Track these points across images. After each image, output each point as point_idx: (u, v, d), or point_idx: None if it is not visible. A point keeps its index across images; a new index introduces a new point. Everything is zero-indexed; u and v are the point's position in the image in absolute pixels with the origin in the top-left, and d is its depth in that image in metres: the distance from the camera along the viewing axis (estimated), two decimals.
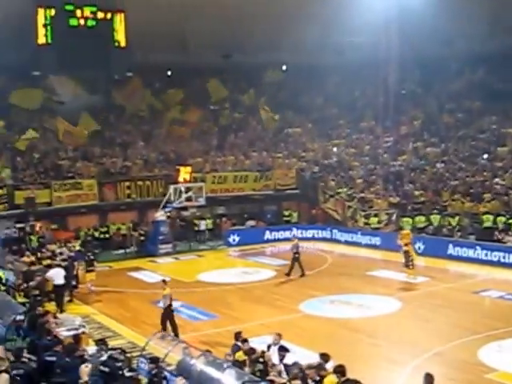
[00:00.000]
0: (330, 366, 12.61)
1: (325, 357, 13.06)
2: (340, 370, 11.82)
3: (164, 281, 21.91)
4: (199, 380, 12.53)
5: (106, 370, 11.50)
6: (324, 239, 40.22)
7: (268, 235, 40.58)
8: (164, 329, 20.37)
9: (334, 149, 47.64)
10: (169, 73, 50.70)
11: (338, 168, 44.99)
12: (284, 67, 52.18)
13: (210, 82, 50.47)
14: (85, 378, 9.42)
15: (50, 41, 42.61)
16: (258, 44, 46.64)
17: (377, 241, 36.99)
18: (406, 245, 29.03)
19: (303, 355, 16.17)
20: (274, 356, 14.52)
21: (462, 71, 47.61)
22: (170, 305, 20.91)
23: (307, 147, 48.21)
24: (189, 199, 38.95)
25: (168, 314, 20.81)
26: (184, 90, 49.53)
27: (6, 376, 8.00)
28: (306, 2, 42.80)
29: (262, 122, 49.92)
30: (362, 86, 50.33)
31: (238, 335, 15.45)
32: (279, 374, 13.20)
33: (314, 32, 43.55)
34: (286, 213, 44.55)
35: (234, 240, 40.03)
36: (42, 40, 42.54)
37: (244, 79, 51.59)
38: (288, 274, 30.00)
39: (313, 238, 40.57)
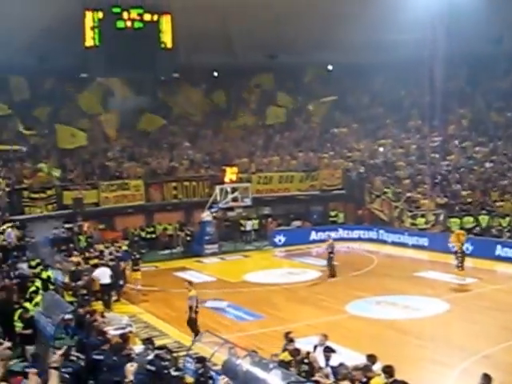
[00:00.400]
0: (376, 367, 12.52)
1: (372, 358, 12.95)
2: (388, 371, 11.78)
3: (190, 282, 22.06)
4: (245, 380, 12.52)
5: (153, 369, 11.57)
6: (370, 240, 39.99)
7: (314, 236, 40.38)
8: (197, 330, 20.45)
9: (381, 149, 47.25)
10: (215, 74, 50.83)
11: (385, 168, 44.63)
12: (330, 67, 51.89)
13: (256, 83, 50.66)
14: (130, 377, 9.48)
15: (97, 43, 43.03)
16: (304, 44, 46.45)
17: (424, 241, 36.63)
18: (456, 245, 28.71)
19: (349, 356, 16.08)
20: (319, 357, 14.45)
21: (511, 70, 46.87)
22: (196, 306, 20.94)
23: (353, 147, 47.93)
24: (235, 200, 39.10)
25: (193, 316, 20.85)
26: (230, 90, 49.68)
27: (55, 372, 8.12)
28: (352, 0, 42.55)
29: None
30: (408, 84, 49.75)
31: (286, 335, 15.40)
32: (326, 376, 13.11)
33: (359, 30, 43.16)
34: (332, 213, 44.40)
35: (279, 240, 40.02)
36: (89, 42, 42.91)
37: (290, 79, 51.44)
38: (333, 276, 29.94)
39: (359, 239, 40.42)
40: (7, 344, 13.10)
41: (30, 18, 38.07)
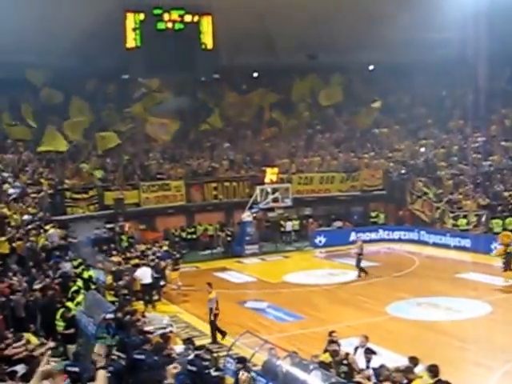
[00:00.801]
0: (418, 369, 12.42)
1: (414, 360, 12.85)
2: (433, 370, 11.76)
3: (209, 284, 22.02)
4: (285, 381, 12.50)
5: (193, 369, 11.61)
6: (411, 241, 39.57)
7: (354, 236, 40.01)
8: (222, 332, 20.53)
9: (422, 149, 46.83)
10: (255, 74, 50.91)
11: (426, 168, 44.23)
12: (371, 67, 51.59)
13: (296, 83, 50.65)
14: (170, 380, 9.46)
15: (138, 44, 43.37)
16: (344, 43, 46.22)
17: (466, 243, 36.14)
18: (500, 247, 28.44)
19: (390, 358, 15.97)
20: (360, 358, 14.37)
21: None
22: (216, 308, 20.98)
23: (394, 147, 47.59)
24: (275, 200, 39.09)
25: (212, 318, 20.89)
26: (270, 91, 49.65)
27: (103, 372, 8.20)
28: None
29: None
30: (450, 84, 49.27)
31: (330, 334, 15.36)
32: (368, 378, 13.03)
33: (400, 29, 42.88)
34: (373, 214, 44.12)
35: (320, 241, 39.88)
36: (130, 44, 43.33)
37: (330, 79, 51.23)
38: (365, 273, 30.13)
39: (400, 240, 40.07)
40: (51, 344, 13.29)
41: (73, 21, 38.53)
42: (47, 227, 28.77)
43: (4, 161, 37.90)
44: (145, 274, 25.81)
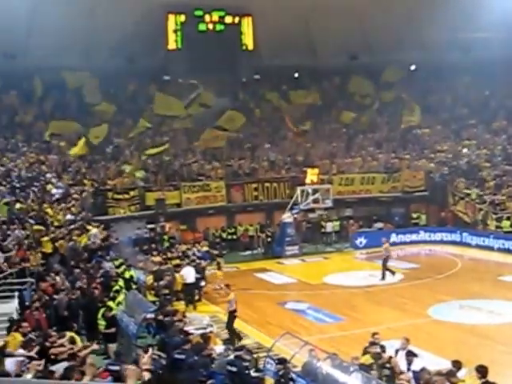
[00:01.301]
0: (461, 374, 12.26)
1: (457, 364, 12.68)
2: (481, 371, 11.60)
3: (228, 285, 22.00)
4: (325, 382, 12.46)
5: (233, 369, 11.63)
6: (453, 242, 39.11)
7: (394, 238, 39.74)
8: (237, 334, 20.47)
9: (465, 150, 46.30)
10: (296, 75, 50.85)
11: (469, 169, 43.70)
12: (413, 67, 51.23)
13: (337, 84, 50.52)
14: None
15: (180, 46, 43.64)
16: (386, 44, 46.01)
17: (510, 245, 35.63)
18: None
19: (431, 361, 15.82)
20: (401, 361, 14.26)
21: None
22: (234, 310, 20.93)
23: (436, 148, 47.12)
24: (316, 201, 38.95)
25: (230, 319, 20.84)
26: (311, 91, 49.53)
27: (147, 374, 8.27)
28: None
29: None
30: (493, 84, 48.68)
31: (373, 335, 15.28)
32: (408, 381, 12.91)
33: (442, 29, 42.57)
34: (415, 215, 43.74)
35: (360, 242, 39.65)
36: (172, 45, 43.68)
37: (372, 80, 50.98)
38: (392, 273, 29.98)
39: (441, 242, 39.64)
40: (94, 346, 13.43)
41: (115, 23, 38.92)
42: (89, 227, 29.05)
43: (47, 161, 38.37)
44: (189, 274, 25.95)
